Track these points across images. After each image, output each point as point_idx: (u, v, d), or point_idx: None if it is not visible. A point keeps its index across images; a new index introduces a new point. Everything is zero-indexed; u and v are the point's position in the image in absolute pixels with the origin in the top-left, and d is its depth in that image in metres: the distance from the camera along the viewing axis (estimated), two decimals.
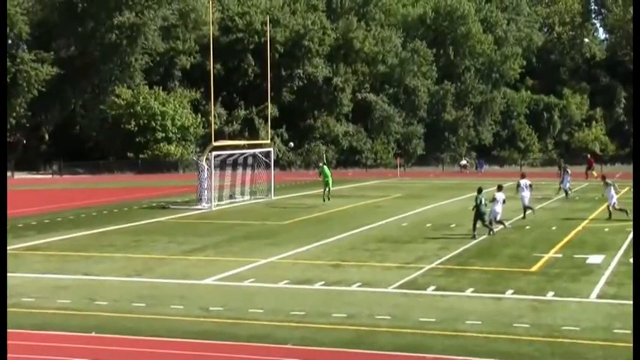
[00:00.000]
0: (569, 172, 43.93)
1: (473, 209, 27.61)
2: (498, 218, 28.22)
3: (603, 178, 35.07)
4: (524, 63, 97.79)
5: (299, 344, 13.89)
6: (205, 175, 39.14)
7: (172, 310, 16.39)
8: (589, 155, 67.09)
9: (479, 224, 27.35)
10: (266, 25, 62.08)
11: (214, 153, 39.88)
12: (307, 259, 23.03)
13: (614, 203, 32.76)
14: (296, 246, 25.48)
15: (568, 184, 43.15)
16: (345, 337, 14.38)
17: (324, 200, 39.97)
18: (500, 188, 28.99)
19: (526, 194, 32.91)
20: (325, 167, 42.61)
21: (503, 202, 28.68)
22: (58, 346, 13.79)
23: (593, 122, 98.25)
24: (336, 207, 38.45)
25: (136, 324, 15.28)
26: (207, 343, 13.99)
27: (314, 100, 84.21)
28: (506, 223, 29.07)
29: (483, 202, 27.46)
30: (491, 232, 27.57)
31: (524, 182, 33.16)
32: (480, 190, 27.96)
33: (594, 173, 57.37)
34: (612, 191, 33.00)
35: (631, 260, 22.02)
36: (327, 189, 40.55)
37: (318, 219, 34.07)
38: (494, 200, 28.18)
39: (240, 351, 13.55)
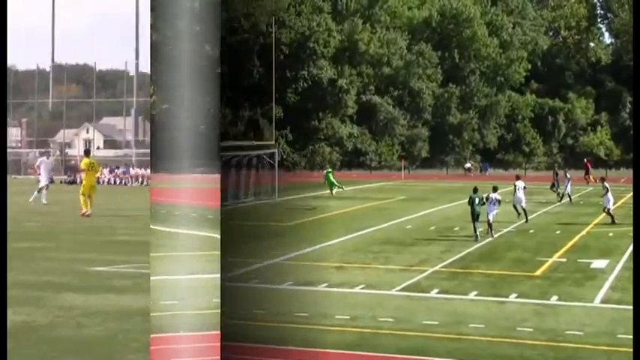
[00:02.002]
0: (569, 176, 43.83)
1: (469, 203, 27.57)
2: (491, 220, 27.90)
3: (602, 180, 35.06)
4: (530, 66, 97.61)
5: (301, 346, 13.86)
6: None
7: None
8: (585, 160, 67.12)
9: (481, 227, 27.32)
10: (271, 26, 62.08)
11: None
12: (310, 261, 22.99)
13: (610, 208, 32.85)
14: (299, 247, 25.44)
15: (569, 189, 43.02)
16: (348, 339, 14.34)
17: (332, 193, 41.89)
18: (495, 189, 28.83)
19: (522, 196, 32.91)
20: (330, 173, 43.12)
21: (499, 203, 28.45)
22: None
23: (599, 127, 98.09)
24: (340, 209, 38.39)
25: None
26: None
27: (319, 101, 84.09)
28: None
29: (477, 201, 27.31)
30: (492, 235, 27.51)
31: (519, 184, 33.16)
32: (475, 190, 27.91)
33: (591, 177, 57.37)
34: (609, 195, 33.06)
35: None
36: (335, 188, 42.29)
37: (322, 220, 34.01)
38: (488, 199, 27.99)
39: (241, 353, 13.49)
